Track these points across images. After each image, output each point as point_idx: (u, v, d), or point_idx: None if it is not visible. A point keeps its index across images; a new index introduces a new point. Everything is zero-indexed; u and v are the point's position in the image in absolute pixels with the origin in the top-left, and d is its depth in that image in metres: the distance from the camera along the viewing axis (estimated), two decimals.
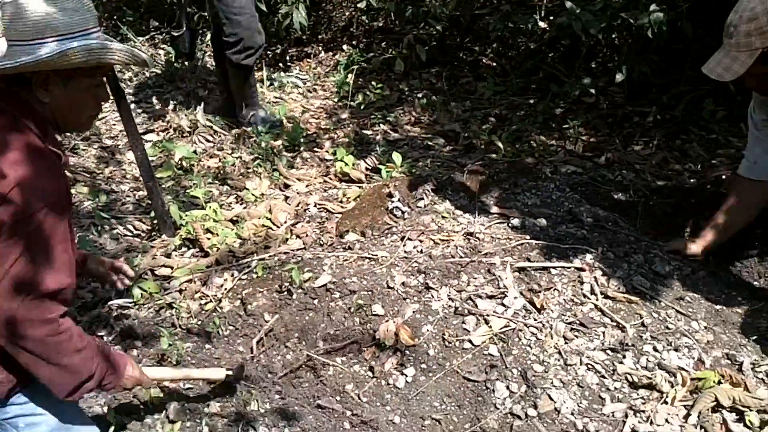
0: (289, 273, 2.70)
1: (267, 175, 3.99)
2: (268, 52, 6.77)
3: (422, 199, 3.17)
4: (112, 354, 1.93)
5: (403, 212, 3.11)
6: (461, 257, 2.69)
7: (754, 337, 2.32)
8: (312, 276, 2.74)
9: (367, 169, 3.93)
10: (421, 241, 2.86)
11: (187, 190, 3.66)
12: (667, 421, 2.00)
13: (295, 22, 5.70)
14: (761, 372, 2.16)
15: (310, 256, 2.90)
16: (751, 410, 1.98)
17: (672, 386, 2.10)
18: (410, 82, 5.77)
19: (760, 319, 2.44)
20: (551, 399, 2.11)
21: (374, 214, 3.18)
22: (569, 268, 2.59)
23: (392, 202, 3.17)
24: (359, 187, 3.69)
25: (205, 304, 2.78)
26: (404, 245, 2.85)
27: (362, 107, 5.31)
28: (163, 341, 2.51)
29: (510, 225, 2.92)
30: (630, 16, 3.99)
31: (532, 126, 4.63)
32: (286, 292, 2.70)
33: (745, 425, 1.96)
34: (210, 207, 3.39)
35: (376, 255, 2.82)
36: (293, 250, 3.04)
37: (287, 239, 3.21)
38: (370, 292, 2.59)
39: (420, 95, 5.51)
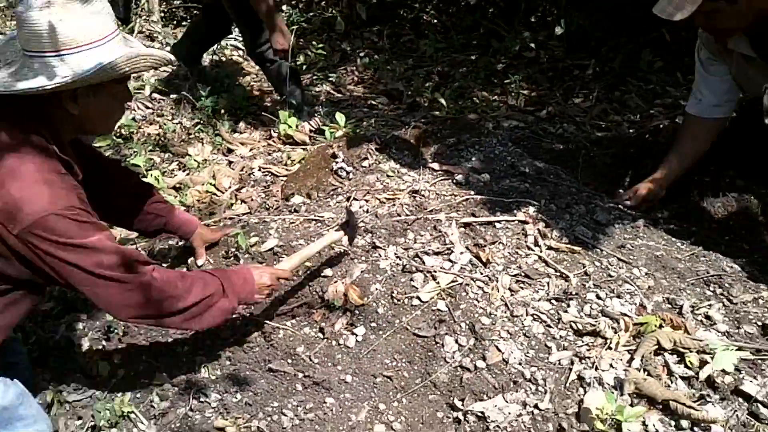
0: (234, 238, 2.68)
1: (209, 141, 3.93)
2: None
3: (366, 158, 3.16)
4: (231, 272, 2.10)
5: (348, 173, 3.10)
6: (407, 215, 2.70)
7: (693, 281, 2.40)
8: (258, 240, 2.73)
9: (310, 130, 3.90)
10: (366, 201, 2.86)
11: (128, 159, 3.58)
12: (611, 366, 2.05)
13: None
14: (700, 314, 2.23)
15: (255, 221, 2.88)
16: (691, 351, 2.04)
17: (615, 332, 2.16)
18: (352, 41, 5.73)
19: (698, 263, 2.51)
20: (499, 350, 2.15)
21: (319, 175, 3.17)
22: (513, 221, 2.63)
23: (337, 163, 3.15)
24: (303, 149, 3.66)
25: None
26: (350, 205, 2.85)
27: (304, 68, 5.25)
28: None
29: (454, 181, 2.94)
30: None
31: (475, 82, 4.64)
32: (232, 258, 2.68)
33: (686, 366, 2.02)
34: (152, 175, 3.33)
35: (323, 216, 2.82)
36: (239, 215, 3.02)
37: (232, 204, 3.19)
38: (317, 254, 2.59)
39: (362, 54, 5.47)
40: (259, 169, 3.48)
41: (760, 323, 2.19)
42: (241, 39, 6.10)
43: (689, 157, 2.85)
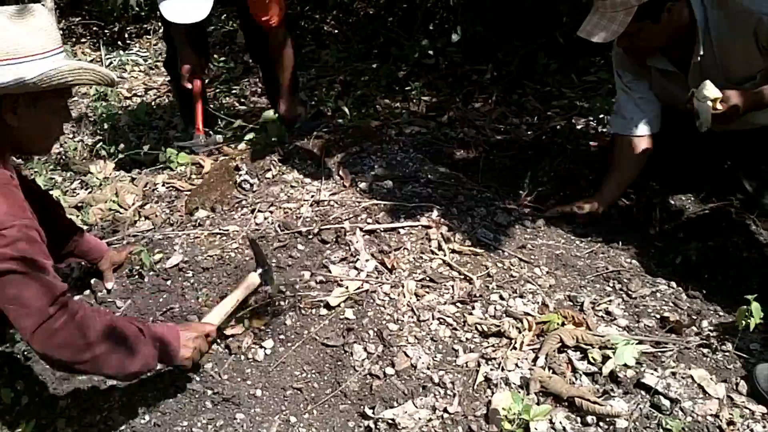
0: (138, 256, 2.59)
1: (111, 158, 3.80)
2: (105, 31, 6.43)
3: (270, 170, 3.11)
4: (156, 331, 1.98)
5: (251, 185, 3.04)
6: (312, 225, 2.67)
7: (592, 278, 2.47)
8: (163, 257, 2.65)
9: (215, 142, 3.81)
10: (271, 212, 2.82)
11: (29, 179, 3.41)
12: (517, 365, 2.08)
13: None
14: (601, 310, 2.29)
15: (160, 237, 2.80)
16: (593, 347, 2.08)
17: (519, 332, 2.18)
18: None
19: (597, 260, 2.58)
20: (407, 356, 2.14)
21: (223, 188, 3.10)
22: (417, 226, 2.64)
23: (240, 175, 3.10)
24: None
25: None
26: (255, 217, 2.80)
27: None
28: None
29: (358, 189, 2.93)
30: None
31: (377, 90, 4.66)
32: (137, 276, 2.60)
33: (589, 362, 2.06)
34: (52, 195, 3.18)
35: (227, 230, 2.76)
36: (142, 232, 2.92)
37: (135, 221, 3.08)
38: (222, 268, 2.53)
39: None
40: (163, 185, 3.38)
41: (658, 316, 2.26)
42: (142, 54, 5.98)
43: (626, 178, 2.86)
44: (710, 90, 2.35)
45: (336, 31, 5.90)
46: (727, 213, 2.76)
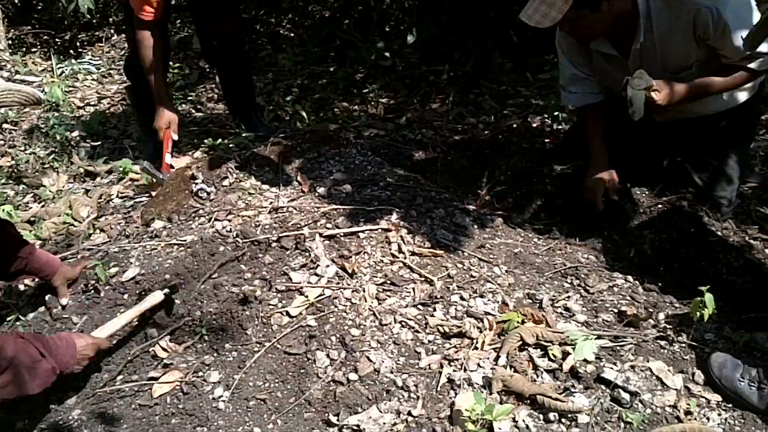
0: (93, 270, 2.54)
1: (64, 170, 3.73)
2: (56, 40, 6.31)
3: (227, 177, 3.09)
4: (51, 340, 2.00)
5: (208, 193, 3.01)
6: (271, 232, 2.66)
7: (551, 275, 2.49)
8: (119, 270, 2.61)
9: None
10: (229, 221, 2.79)
11: None
12: (479, 365, 2.08)
13: (82, 6, 5.31)
14: (560, 307, 2.32)
15: (116, 250, 2.75)
16: (553, 344, 2.10)
17: (481, 331, 2.20)
18: None
19: (555, 256, 2.61)
20: (370, 360, 2.14)
21: (179, 198, 3.06)
22: (376, 230, 2.64)
23: (196, 184, 3.06)
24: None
25: (6, 314, 2.56)
26: (212, 226, 2.77)
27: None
28: None
29: (316, 194, 2.92)
30: None
31: (334, 93, 4.66)
32: (93, 291, 2.56)
33: (550, 359, 2.08)
34: (4, 210, 3.12)
35: (185, 240, 2.72)
36: (97, 246, 2.87)
37: (90, 234, 3.02)
38: (181, 279, 2.51)
39: None
40: (118, 196, 3.33)
41: (616, 310, 2.30)
42: (95, 62, 5.88)
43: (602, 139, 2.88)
44: (644, 78, 2.41)
45: (292, 34, 5.88)
46: (680, 206, 2.80)
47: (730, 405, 1.95)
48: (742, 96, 2.73)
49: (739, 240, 2.63)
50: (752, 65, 2.49)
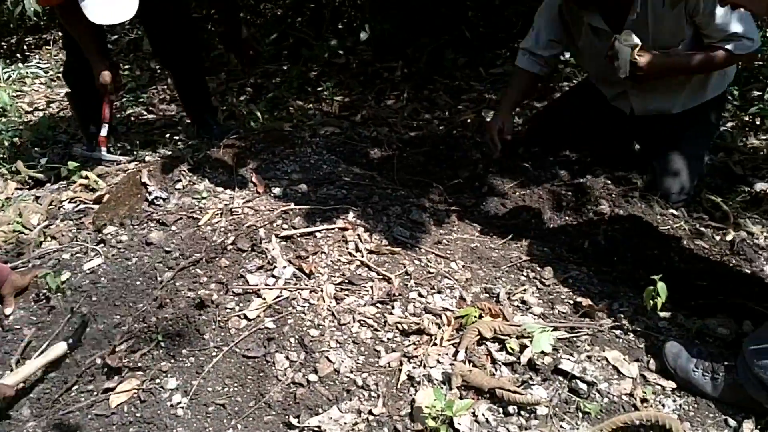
0: (44, 279, 2.49)
1: (12, 177, 3.64)
2: (2, 43, 6.17)
3: (180, 180, 3.04)
4: None
5: (161, 197, 2.96)
6: (227, 235, 2.63)
7: (507, 268, 2.51)
8: (71, 277, 2.56)
9: (121, 154, 3.71)
10: (184, 224, 2.75)
11: None
12: (438, 361, 2.09)
13: (28, 9, 5.19)
14: (516, 300, 2.34)
15: (67, 257, 2.70)
16: (511, 337, 2.12)
17: (439, 327, 2.20)
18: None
19: (511, 250, 2.63)
20: (330, 361, 2.13)
21: (131, 202, 3.01)
22: (333, 229, 2.63)
23: (149, 187, 3.01)
24: (114, 175, 3.46)
25: None
26: (166, 231, 2.73)
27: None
28: None
29: (272, 195, 2.90)
30: None
31: (289, 92, 4.63)
32: (44, 300, 2.50)
33: (508, 352, 2.10)
34: None
35: (139, 245, 2.68)
36: (49, 253, 2.81)
37: (41, 242, 2.95)
38: (135, 285, 2.47)
39: None
40: (70, 201, 3.26)
41: (571, 301, 2.33)
42: (42, 66, 5.76)
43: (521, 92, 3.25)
44: (632, 37, 2.54)
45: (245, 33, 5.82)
46: (632, 196, 2.84)
47: (685, 392, 1.99)
48: (710, 93, 2.83)
49: (690, 228, 2.68)
50: (729, 46, 2.59)
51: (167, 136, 4.04)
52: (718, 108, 3.02)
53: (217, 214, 2.77)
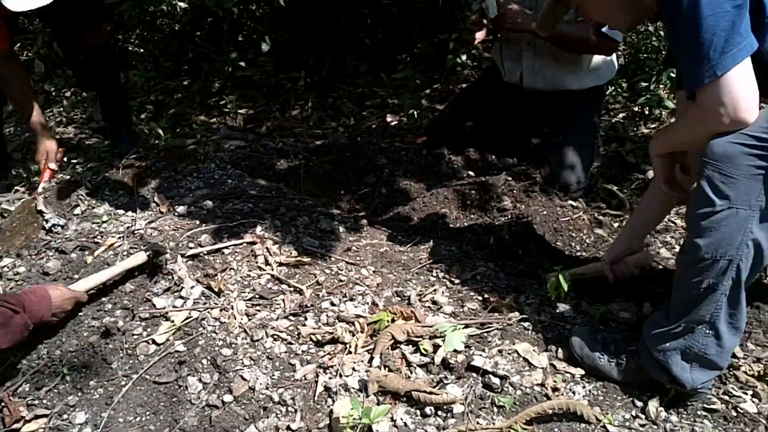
0: None
1: None
2: None
3: (78, 205, 2.94)
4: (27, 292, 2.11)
5: (59, 225, 2.85)
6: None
7: (417, 270, 2.53)
8: None
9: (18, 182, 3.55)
10: (83, 251, 2.66)
11: None
12: (354, 369, 2.08)
13: None
14: (427, 301, 2.36)
15: None
16: (424, 338, 2.13)
17: (353, 335, 2.20)
18: (54, 81, 5.32)
19: (419, 252, 2.65)
20: (244, 379, 2.09)
21: (28, 231, 2.88)
22: (241, 244, 2.59)
23: (45, 215, 2.89)
24: (10, 203, 3.31)
25: None
26: (65, 259, 2.62)
27: (4, 116, 4.77)
28: None
29: (176, 213, 2.83)
30: None
31: (191, 107, 4.54)
32: None
33: (421, 354, 2.11)
34: None
35: (37, 276, 2.56)
36: None
37: None
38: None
39: (68, 94, 5.12)
40: None
41: (480, 298, 2.36)
42: None
43: None
44: None
45: (142, 50, 5.68)
46: (533, 190, 2.92)
47: (593, 377, 2.05)
48: (597, 79, 2.95)
49: (589, 218, 2.77)
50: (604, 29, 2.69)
51: (65, 159, 3.89)
52: (601, 97, 3.16)
53: (119, 238, 2.68)
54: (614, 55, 3.09)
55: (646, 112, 3.76)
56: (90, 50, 3.47)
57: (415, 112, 3.78)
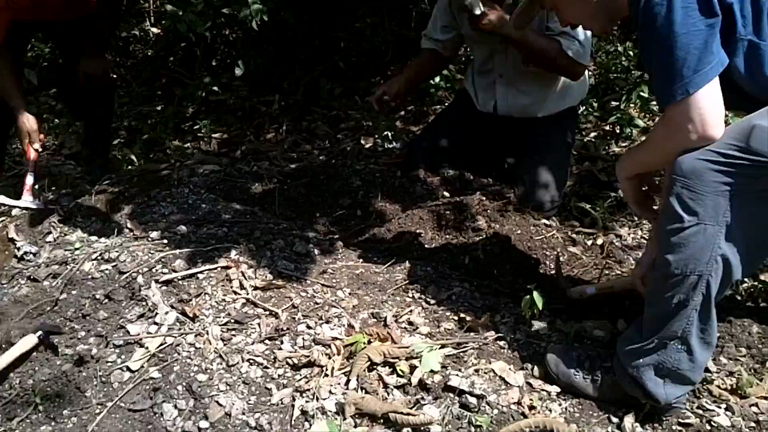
0: None
1: None
2: None
3: (50, 233, 2.90)
4: None
5: (31, 252, 2.82)
6: (104, 285, 2.53)
7: (393, 291, 2.53)
8: None
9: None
10: (55, 278, 2.63)
11: None
12: (330, 392, 2.07)
13: None
14: (403, 322, 2.36)
15: None
16: (400, 360, 2.12)
17: (329, 358, 2.19)
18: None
19: (395, 273, 2.66)
20: (220, 405, 2.07)
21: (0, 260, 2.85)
22: (215, 269, 2.58)
23: (17, 243, 2.86)
24: None
25: None
26: (37, 287, 2.59)
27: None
28: None
29: (149, 239, 2.81)
30: (233, 10, 4.05)
31: (165, 133, 4.54)
32: None
33: (398, 375, 2.10)
34: None
35: (9, 304, 2.53)
36: None
37: None
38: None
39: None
40: None
41: (456, 318, 2.37)
42: None
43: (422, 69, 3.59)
44: None
45: (114, 76, 5.67)
46: (507, 210, 2.94)
47: (569, 394, 2.06)
48: (569, 101, 3.00)
49: (562, 236, 2.79)
50: (563, 42, 2.73)
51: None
52: (574, 118, 3.21)
53: (92, 264, 2.65)
54: (586, 74, 3.14)
55: (618, 131, 3.82)
56: (86, 78, 3.47)
57: (389, 134, 3.81)
